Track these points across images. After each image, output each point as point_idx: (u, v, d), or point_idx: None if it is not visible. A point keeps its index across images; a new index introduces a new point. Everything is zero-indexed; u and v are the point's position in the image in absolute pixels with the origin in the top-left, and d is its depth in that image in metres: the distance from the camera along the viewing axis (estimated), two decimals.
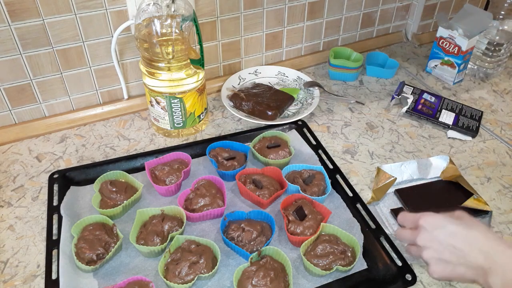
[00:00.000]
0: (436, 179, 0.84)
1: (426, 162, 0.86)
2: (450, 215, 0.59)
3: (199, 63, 0.86)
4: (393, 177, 0.79)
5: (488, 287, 0.52)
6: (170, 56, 0.82)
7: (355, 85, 1.14)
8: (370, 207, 0.78)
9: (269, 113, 0.96)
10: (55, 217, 0.74)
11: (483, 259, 0.53)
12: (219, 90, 1.07)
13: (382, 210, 0.79)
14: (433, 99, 1.05)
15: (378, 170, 0.81)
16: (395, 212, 0.78)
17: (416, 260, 0.70)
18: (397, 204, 0.80)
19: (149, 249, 0.67)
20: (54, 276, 0.65)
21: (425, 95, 1.05)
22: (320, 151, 0.89)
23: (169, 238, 0.69)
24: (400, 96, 1.05)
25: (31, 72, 0.88)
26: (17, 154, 0.89)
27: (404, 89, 1.07)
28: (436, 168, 0.84)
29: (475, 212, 0.77)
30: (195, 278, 0.64)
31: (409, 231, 0.61)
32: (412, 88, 1.08)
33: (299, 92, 1.06)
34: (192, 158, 0.85)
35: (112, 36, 0.90)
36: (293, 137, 0.93)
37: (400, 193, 0.81)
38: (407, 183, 0.84)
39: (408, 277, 0.66)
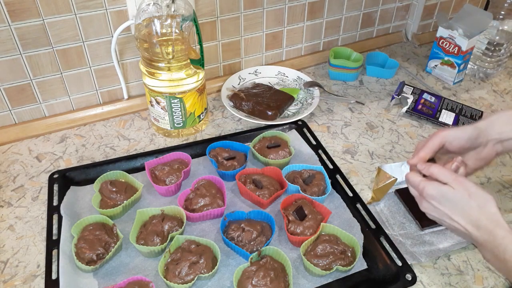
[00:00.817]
0: None
1: None
2: (451, 182, 0.62)
3: (199, 63, 0.86)
4: (394, 177, 0.79)
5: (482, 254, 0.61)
6: (170, 56, 0.82)
7: (355, 85, 1.14)
8: (370, 207, 0.78)
9: (269, 113, 0.96)
10: (55, 217, 0.74)
11: (477, 234, 0.59)
12: (219, 90, 1.07)
13: (383, 210, 0.79)
14: (433, 99, 1.05)
15: (379, 170, 0.81)
16: (399, 193, 0.80)
17: (417, 260, 0.70)
18: (397, 204, 0.80)
19: (149, 249, 0.67)
20: (54, 276, 0.65)
21: (425, 95, 1.05)
22: (320, 151, 0.89)
23: (169, 238, 0.69)
24: (400, 96, 1.05)
25: (31, 72, 0.88)
26: (17, 154, 0.89)
27: (404, 89, 1.07)
28: None
29: None
30: (195, 278, 0.64)
31: (417, 193, 0.66)
32: (412, 88, 1.08)
33: (299, 92, 1.06)
34: (192, 158, 0.85)
35: (112, 36, 0.90)
36: (293, 137, 0.93)
37: (400, 193, 0.81)
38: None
39: (408, 277, 0.66)
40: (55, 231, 0.72)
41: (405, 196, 0.80)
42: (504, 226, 0.58)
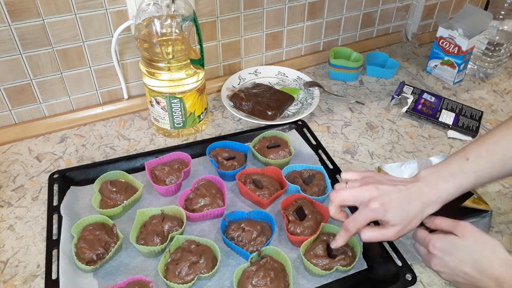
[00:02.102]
0: None
1: (426, 162, 0.85)
2: (454, 227, 0.60)
3: (199, 63, 0.86)
4: None
5: None
6: (170, 56, 0.82)
7: (355, 85, 1.14)
8: None
9: (269, 113, 0.96)
10: (55, 217, 0.74)
11: (494, 286, 0.56)
12: (219, 90, 1.07)
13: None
14: (433, 99, 1.05)
15: (379, 170, 0.81)
16: None
17: (417, 260, 0.70)
18: None
19: (149, 249, 0.67)
20: (54, 276, 0.65)
21: (425, 95, 1.05)
22: (320, 151, 0.89)
23: (169, 238, 0.69)
24: (400, 96, 1.05)
25: (31, 72, 0.88)
26: (17, 154, 0.89)
27: (404, 89, 1.07)
28: None
29: (475, 212, 0.77)
30: (195, 278, 0.64)
31: (424, 250, 0.64)
32: (412, 88, 1.08)
33: (299, 92, 1.06)
34: (192, 158, 0.85)
35: (112, 36, 0.90)
36: (293, 137, 0.93)
37: None
38: None
39: (408, 277, 0.66)
40: (55, 231, 0.72)
41: None
42: None
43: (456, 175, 0.61)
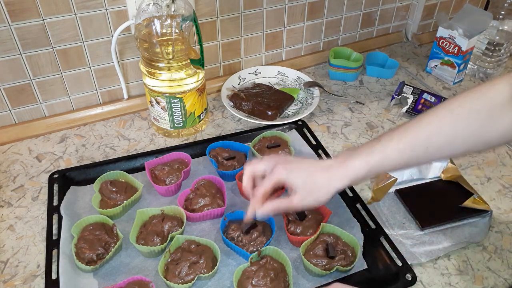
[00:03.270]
0: (436, 179, 0.85)
1: None
2: None
3: (199, 63, 0.86)
4: (394, 177, 0.79)
5: None
6: (170, 56, 0.82)
7: (355, 85, 1.14)
8: (370, 207, 0.78)
9: (269, 113, 0.96)
10: (55, 217, 0.74)
11: None
12: (219, 90, 1.07)
13: (383, 210, 0.79)
14: (433, 99, 1.04)
15: None
16: (399, 193, 0.80)
17: (417, 260, 0.70)
18: (397, 204, 0.80)
19: (149, 249, 0.67)
20: (54, 276, 0.65)
21: (425, 95, 1.05)
22: (320, 151, 0.89)
23: (169, 238, 0.69)
24: (400, 96, 1.05)
25: (31, 72, 0.88)
26: (17, 154, 0.89)
27: (404, 89, 1.07)
28: (436, 168, 0.85)
29: (475, 212, 0.77)
30: (195, 278, 0.64)
31: None
32: (412, 88, 1.08)
33: (299, 92, 1.06)
34: (192, 158, 0.85)
35: (112, 36, 0.90)
36: (293, 137, 0.93)
37: (400, 193, 0.81)
38: (407, 183, 0.84)
39: (408, 277, 0.66)
40: (55, 231, 0.72)
41: (405, 196, 0.80)
42: None
43: (364, 153, 0.62)
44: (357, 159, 0.61)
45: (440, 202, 0.79)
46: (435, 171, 0.85)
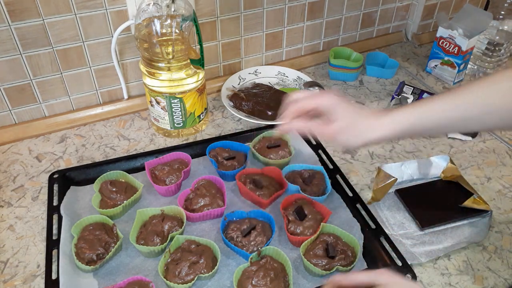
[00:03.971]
0: (436, 179, 0.85)
1: (426, 162, 0.86)
2: (374, 277, 0.54)
3: (199, 63, 0.86)
4: (394, 177, 0.79)
5: None
6: (170, 56, 0.82)
7: (355, 85, 1.14)
8: (370, 207, 0.78)
9: (269, 113, 0.96)
10: (55, 217, 0.74)
11: None
12: (219, 90, 1.07)
13: (383, 210, 0.79)
14: None
15: (379, 170, 0.81)
16: (399, 193, 0.81)
17: (417, 260, 0.70)
18: (397, 204, 0.80)
19: (149, 249, 0.67)
20: (54, 276, 0.65)
21: (425, 95, 1.05)
22: (320, 151, 0.89)
23: (169, 238, 0.69)
24: (400, 96, 1.05)
25: (31, 72, 0.88)
26: (17, 154, 0.89)
27: (404, 89, 1.07)
28: (437, 167, 0.85)
29: (475, 212, 0.77)
30: (195, 278, 0.64)
31: None
32: (412, 88, 1.08)
33: None
34: (192, 158, 0.85)
35: (112, 36, 0.90)
36: (293, 137, 0.92)
37: (400, 193, 0.81)
38: (408, 183, 0.84)
39: (408, 277, 0.66)
40: (55, 231, 0.72)
41: (405, 196, 0.80)
42: None
43: (410, 107, 0.63)
44: (402, 111, 0.62)
45: (440, 202, 0.79)
46: (435, 171, 0.85)
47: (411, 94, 1.05)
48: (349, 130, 0.62)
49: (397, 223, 0.77)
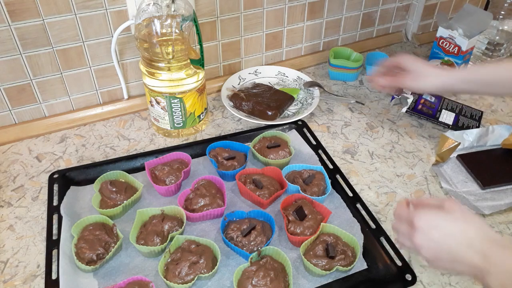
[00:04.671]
0: (496, 147, 0.92)
1: (487, 131, 0.93)
2: (440, 206, 0.58)
3: (199, 63, 0.86)
4: (457, 141, 0.86)
5: (487, 285, 0.53)
6: (170, 56, 0.82)
7: (355, 85, 1.14)
8: (434, 169, 0.86)
9: (269, 113, 0.96)
10: (55, 217, 0.74)
11: (479, 260, 0.53)
12: (219, 90, 1.07)
13: (446, 171, 0.87)
14: (433, 99, 1.05)
15: (442, 136, 0.89)
16: (462, 158, 0.88)
17: (480, 212, 0.74)
18: (459, 167, 0.88)
19: (149, 249, 0.67)
20: (54, 276, 0.65)
21: (425, 95, 1.05)
22: (320, 151, 0.89)
23: (169, 238, 0.69)
24: (400, 96, 1.05)
25: (31, 72, 0.88)
26: (17, 154, 0.89)
27: (404, 89, 1.07)
28: (497, 136, 0.92)
29: None
30: (195, 278, 0.64)
31: (406, 227, 0.59)
32: None
33: (299, 92, 1.06)
34: (192, 158, 0.85)
35: (112, 36, 0.90)
36: (293, 137, 0.93)
37: (462, 157, 0.88)
38: (468, 149, 0.91)
39: (408, 277, 0.66)
40: (55, 231, 0.72)
41: (467, 160, 0.88)
42: (506, 245, 0.53)
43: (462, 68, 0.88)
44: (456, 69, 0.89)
45: (500, 166, 0.87)
46: (495, 140, 0.92)
47: (411, 94, 1.05)
48: (422, 78, 0.84)
49: (460, 182, 0.84)
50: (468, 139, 0.92)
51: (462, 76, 0.83)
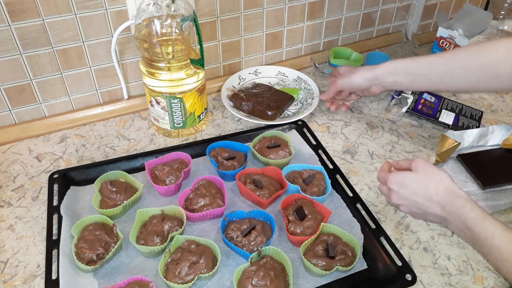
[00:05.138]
0: (496, 147, 0.91)
1: (487, 131, 0.92)
2: (409, 164, 0.68)
3: (199, 63, 0.86)
4: (457, 141, 0.86)
5: (451, 230, 0.68)
6: (170, 56, 0.82)
7: None
8: None
9: (269, 113, 0.96)
10: (55, 217, 0.74)
11: (440, 211, 0.64)
12: (219, 90, 1.07)
13: (446, 170, 0.84)
14: (433, 99, 1.05)
15: (442, 136, 0.88)
16: (462, 158, 0.88)
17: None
18: (459, 167, 0.88)
19: (149, 249, 0.67)
20: (54, 276, 0.65)
21: (425, 95, 1.05)
22: (320, 151, 0.89)
23: (169, 238, 0.69)
24: (400, 96, 1.05)
25: (31, 72, 0.88)
26: (17, 154, 0.89)
27: (405, 90, 1.07)
28: (497, 136, 0.91)
29: None
30: (195, 278, 0.64)
31: (385, 189, 0.70)
32: None
33: (299, 92, 1.06)
34: (192, 158, 0.85)
35: (112, 36, 0.90)
36: (293, 137, 0.93)
37: (462, 157, 0.88)
38: (468, 149, 0.91)
39: (408, 277, 0.66)
40: (55, 231, 0.72)
41: (466, 160, 0.88)
42: (461, 195, 0.63)
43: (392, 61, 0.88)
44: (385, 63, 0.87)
45: (500, 166, 0.87)
46: (495, 140, 0.91)
47: (411, 94, 1.05)
48: (351, 73, 0.91)
49: (460, 182, 0.85)
50: (468, 139, 0.91)
51: (389, 67, 0.85)
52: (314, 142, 0.92)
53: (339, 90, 0.96)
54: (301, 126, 0.96)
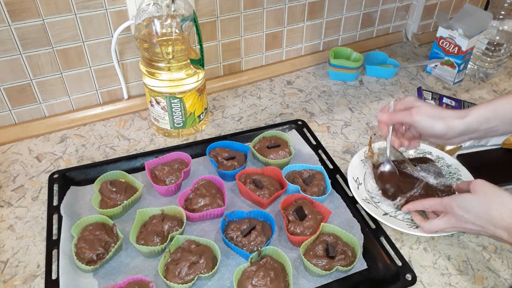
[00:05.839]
0: (496, 147, 0.92)
1: None
2: (468, 186, 0.65)
3: (199, 63, 0.86)
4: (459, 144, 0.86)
5: None
6: (170, 56, 0.82)
7: (355, 85, 1.14)
8: None
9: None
10: (55, 217, 0.74)
11: (507, 236, 0.61)
12: (219, 90, 1.07)
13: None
14: (453, 103, 1.04)
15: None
16: (462, 158, 0.89)
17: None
18: (461, 167, 0.86)
19: (149, 249, 0.67)
20: (54, 276, 0.65)
21: (445, 100, 1.04)
22: (320, 151, 0.89)
23: (169, 238, 0.69)
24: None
25: (31, 72, 0.88)
26: (17, 154, 0.89)
27: (424, 95, 1.06)
28: (498, 137, 0.90)
29: None
30: (195, 278, 0.64)
31: (434, 216, 0.70)
32: (431, 93, 1.07)
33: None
34: (192, 158, 0.85)
35: (112, 36, 0.90)
36: (293, 137, 0.93)
37: (462, 157, 0.89)
38: (469, 149, 0.92)
39: (408, 277, 0.66)
40: (55, 231, 0.72)
41: (467, 160, 0.88)
42: None
43: (463, 111, 0.69)
44: (459, 111, 0.69)
45: (500, 166, 0.88)
46: (495, 140, 0.92)
47: (431, 99, 1.04)
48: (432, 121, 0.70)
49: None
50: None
51: (481, 113, 0.68)
52: (314, 142, 0.92)
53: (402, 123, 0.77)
54: (301, 126, 0.96)
